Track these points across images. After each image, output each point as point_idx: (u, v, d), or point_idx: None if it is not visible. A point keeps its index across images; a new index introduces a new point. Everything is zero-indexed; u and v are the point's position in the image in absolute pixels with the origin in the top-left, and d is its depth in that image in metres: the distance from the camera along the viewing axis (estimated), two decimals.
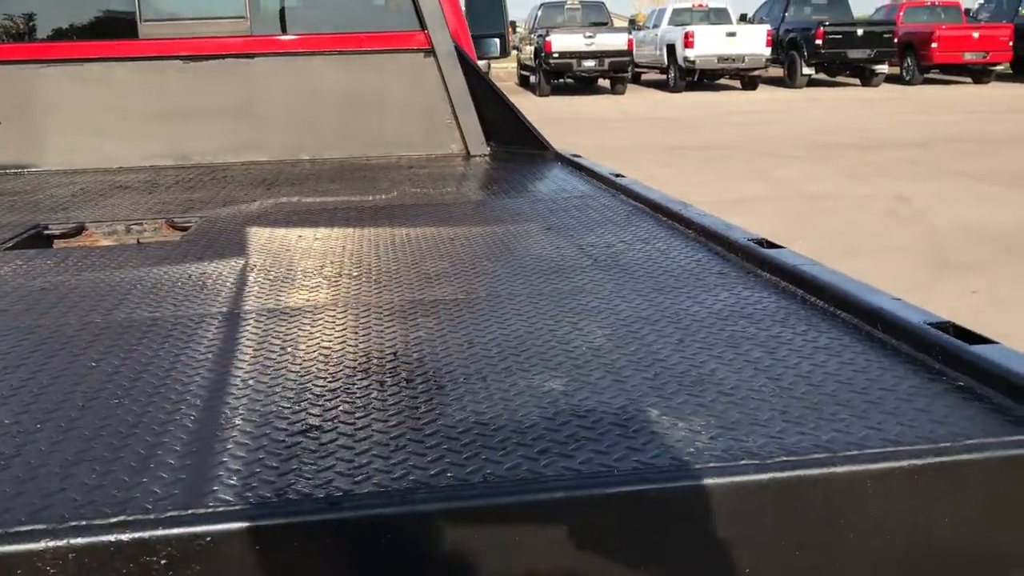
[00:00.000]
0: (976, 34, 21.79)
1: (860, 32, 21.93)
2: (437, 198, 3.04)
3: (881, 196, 8.96)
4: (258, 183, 3.41)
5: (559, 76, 22.16)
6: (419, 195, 3.10)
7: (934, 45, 21.89)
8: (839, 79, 23.92)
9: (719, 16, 23.87)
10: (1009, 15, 22.76)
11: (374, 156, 4.01)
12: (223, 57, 3.97)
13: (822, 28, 21.87)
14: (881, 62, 22.28)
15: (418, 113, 4.09)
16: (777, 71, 23.91)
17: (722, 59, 21.63)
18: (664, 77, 23.66)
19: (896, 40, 22.08)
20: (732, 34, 21.63)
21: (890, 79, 23.05)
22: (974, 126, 14.21)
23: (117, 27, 3.97)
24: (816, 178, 10.14)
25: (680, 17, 23.57)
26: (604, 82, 23.12)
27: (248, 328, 1.59)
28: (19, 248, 2.44)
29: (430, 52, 4.03)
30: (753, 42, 21.55)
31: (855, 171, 10.47)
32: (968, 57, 21.89)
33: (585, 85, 23.26)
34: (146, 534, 0.91)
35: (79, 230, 2.70)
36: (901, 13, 23.43)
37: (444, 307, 1.68)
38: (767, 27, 22.18)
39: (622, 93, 22.20)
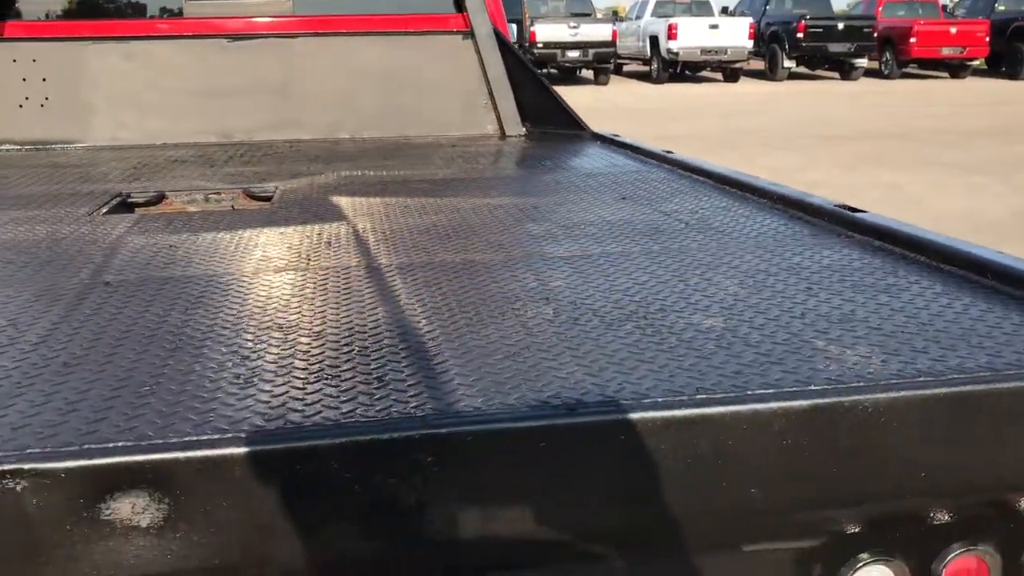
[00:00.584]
0: (953, 29, 22.14)
1: (841, 26, 22.21)
2: (500, 172, 3.15)
3: (873, 185, 9.17)
4: (312, 159, 3.50)
5: (542, 66, 22.26)
6: (481, 170, 3.21)
7: (912, 40, 22.22)
8: (818, 72, 24.22)
9: (701, 8, 24.05)
10: (986, 11, 23.14)
11: (411, 136, 4.11)
12: (266, 36, 4.05)
13: (803, 22, 22.13)
14: (861, 56, 22.57)
15: (455, 94, 4.18)
16: (758, 64, 24.16)
17: (705, 51, 21.82)
18: (646, 68, 23.82)
19: (876, 34, 22.39)
20: (715, 27, 21.83)
21: (868, 73, 23.37)
22: (958, 119, 14.49)
23: (163, 6, 4.04)
24: (807, 168, 10.33)
25: (663, 9, 23.72)
26: (587, 73, 23.26)
27: (378, 279, 1.71)
28: (114, 214, 2.52)
29: (468, 34, 4.14)
30: (736, 35, 21.76)
31: (845, 161, 10.68)
32: (946, 52, 22.24)
33: (568, 75, 23.39)
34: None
35: (160, 198, 2.79)
36: (880, 8, 23.72)
37: (569, 262, 1.79)
38: (749, 20, 22.39)
39: (605, 84, 22.34)
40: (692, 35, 21.68)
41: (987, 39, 21.99)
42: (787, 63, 22.99)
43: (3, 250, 2.05)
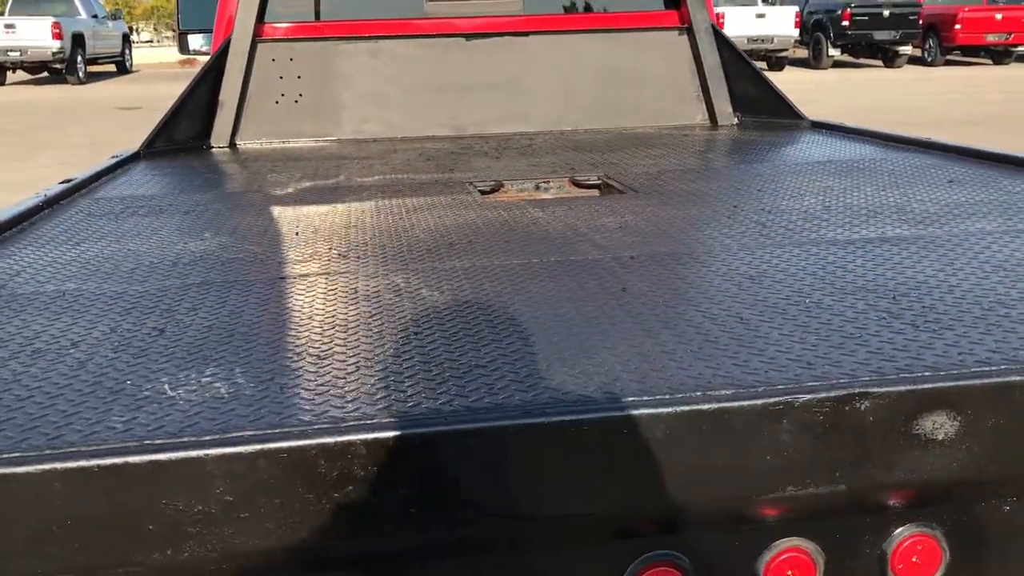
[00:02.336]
0: (999, 15, 22.27)
1: (886, 13, 22.35)
2: (753, 160, 3.40)
3: None
4: (578, 148, 3.77)
5: None
6: (735, 159, 3.46)
7: (957, 26, 22.36)
8: (861, 60, 24.35)
9: None
10: None
11: (626, 127, 4.37)
12: (499, 35, 4.32)
13: (849, 10, 22.27)
14: (905, 43, 22.73)
15: (668, 86, 4.44)
16: (801, 52, 24.31)
17: (751, 40, 21.97)
18: None
19: (920, 21, 22.53)
20: (761, 15, 22.02)
21: (911, 60, 23.52)
22: (1017, 106, 14.65)
23: (405, 7, 4.31)
24: None
25: None
26: None
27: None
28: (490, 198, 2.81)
29: (683, 30, 4.40)
30: (782, 23, 21.95)
31: None
32: (990, 38, 22.38)
33: None
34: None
35: (498, 186, 3.06)
36: None
37: (876, 244, 2.04)
38: (795, 8, 22.56)
39: None
40: (739, 24, 21.81)
41: None
42: (832, 51, 23.14)
43: (468, 230, 2.33)
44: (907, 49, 23.00)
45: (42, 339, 1.55)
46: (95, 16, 24.31)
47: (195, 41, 5.25)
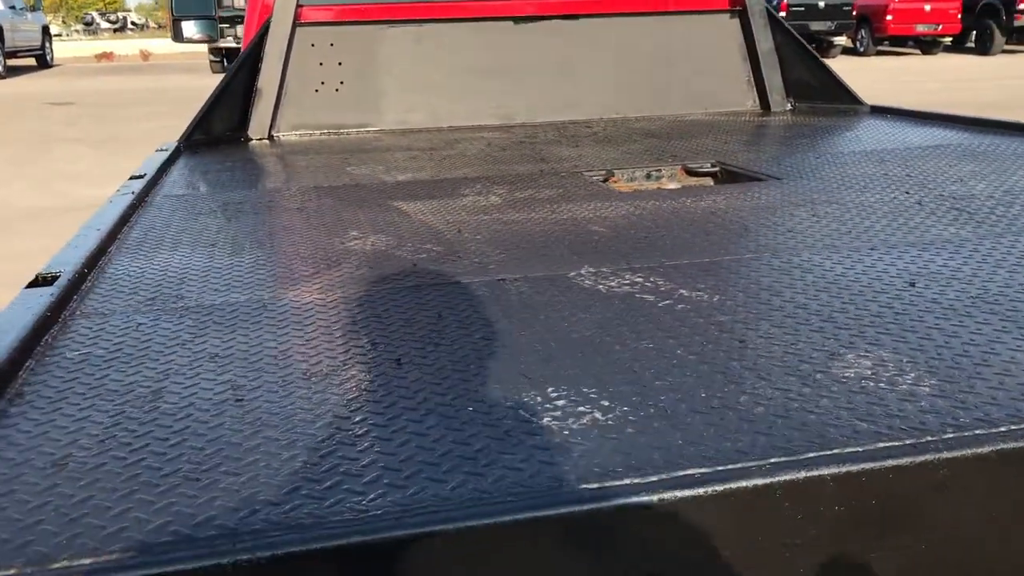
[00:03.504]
0: (928, 7, 22.81)
1: (822, 5, 22.69)
2: (855, 144, 3.27)
3: None
4: (650, 135, 3.59)
5: None
6: (836, 145, 3.32)
7: (889, 17, 22.84)
8: None
9: None
10: None
11: (675, 114, 4.20)
12: (548, 19, 4.11)
13: (785, 1, 22.54)
14: (840, 34, 23.12)
15: (719, 70, 4.29)
16: None
17: None
18: None
19: (854, 13, 22.95)
20: None
21: (843, 51, 23.95)
22: (958, 94, 14.99)
23: None
24: None
25: None
26: None
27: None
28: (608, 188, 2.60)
29: (735, 13, 4.25)
30: None
31: None
32: (920, 29, 22.91)
33: None
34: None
35: (608, 175, 2.86)
36: None
37: None
38: None
39: None
40: None
41: (959, 16, 22.72)
42: None
43: (652, 224, 2.13)
44: (842, 40, 23.42)
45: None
46: (12, 7, 23.21)
47: (189, 28, 4.92)
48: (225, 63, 22.08)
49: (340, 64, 3.89)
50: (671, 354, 1.28)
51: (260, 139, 3.73)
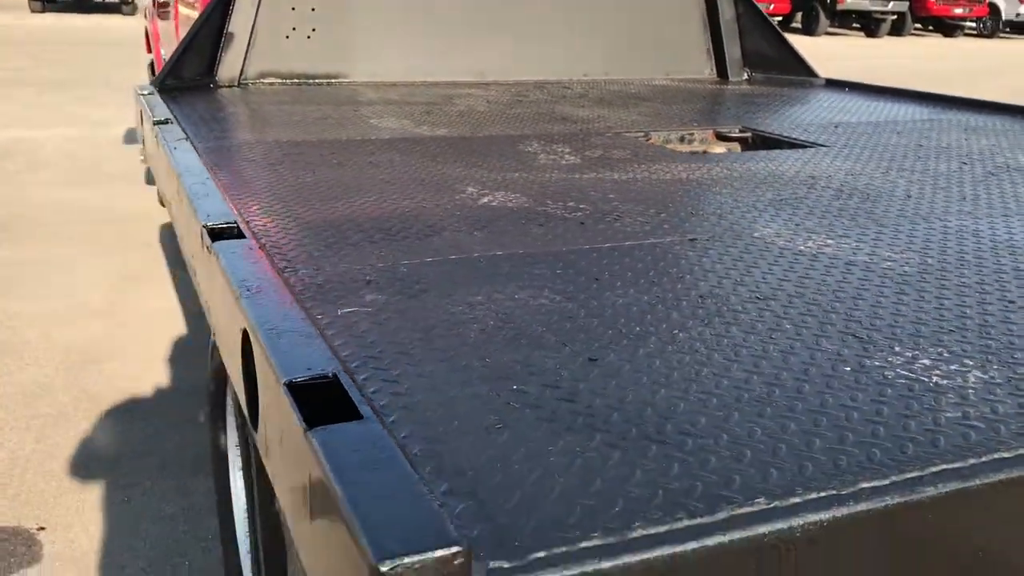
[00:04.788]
0: None
1: None
2: (854, 113, 3.41)
3: None
4: (642, 99, 3.67)
5: None
6: (833, 114, 3.44)
7: None
8: None
9: None
10: None
11: (635, 79, 4.30)
12: None
13: None
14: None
15: (680, 38, 4.40)
16: None
17: None
18: None
19: None
20: None
21: (793, 31, 24.19)
22: (903, 71, 15.34)
23: None
24: None
25: None
26: None
27: None
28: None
29: None
30: None
31: None
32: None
33: None
34: None
35: (646, 138, 2.92)
36: None
37: None
38: None
39: None
40: None
41: None
42: None
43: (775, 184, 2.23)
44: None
45: None
46: None
47: None
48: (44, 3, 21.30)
49: (313, 10, 3.89)
50: None
51: (230, 86, 3.73)
